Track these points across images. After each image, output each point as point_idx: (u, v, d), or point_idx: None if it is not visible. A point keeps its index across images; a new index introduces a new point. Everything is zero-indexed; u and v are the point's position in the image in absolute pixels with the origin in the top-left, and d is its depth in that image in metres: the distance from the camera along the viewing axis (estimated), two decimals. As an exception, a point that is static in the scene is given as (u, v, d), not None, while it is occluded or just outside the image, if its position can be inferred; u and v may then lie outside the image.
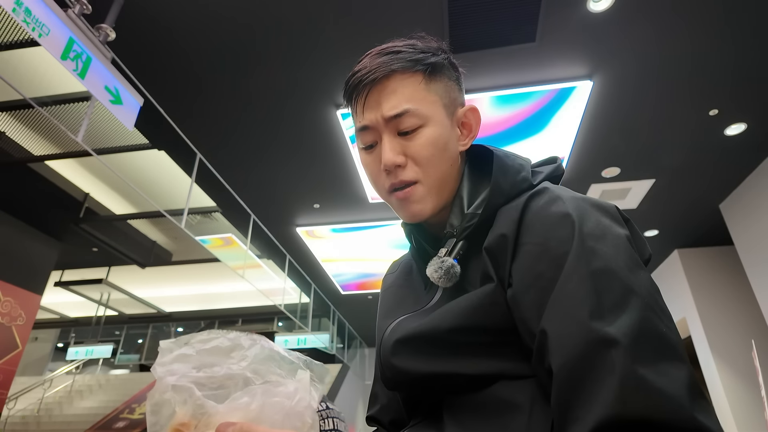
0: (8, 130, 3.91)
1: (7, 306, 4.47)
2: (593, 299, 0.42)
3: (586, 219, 0.48)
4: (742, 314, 4.97)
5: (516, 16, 2.61)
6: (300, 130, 3.58)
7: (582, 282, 0.43)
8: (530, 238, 0.50)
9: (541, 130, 3.56)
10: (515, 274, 0.49)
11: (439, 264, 0.55)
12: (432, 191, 0.60)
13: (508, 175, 0.58)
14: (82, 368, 10.53)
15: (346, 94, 0.63)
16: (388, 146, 0.59)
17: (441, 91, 0.61)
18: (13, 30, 2.98)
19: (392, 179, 0.59)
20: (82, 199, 5.04)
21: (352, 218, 4.96)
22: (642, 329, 0.39)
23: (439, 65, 0.62)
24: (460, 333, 0.52)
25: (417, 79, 0.60)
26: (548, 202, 0.51)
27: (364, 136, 0.62)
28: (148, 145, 3.98)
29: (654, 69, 2.97)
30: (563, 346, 0.41)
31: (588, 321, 0.40)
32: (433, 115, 0.59)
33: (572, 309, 0.42)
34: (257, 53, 2.90)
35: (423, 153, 0.58)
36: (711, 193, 4.39)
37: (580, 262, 0.44)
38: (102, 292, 8.11)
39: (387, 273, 0.81)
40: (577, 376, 0.39)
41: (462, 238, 0.57)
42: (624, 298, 0.41)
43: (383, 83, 0.59)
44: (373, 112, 0.60)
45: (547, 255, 0.47)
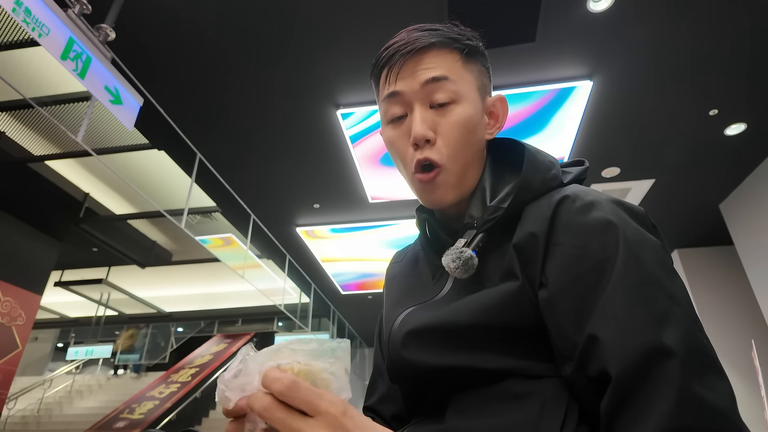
0: (8, 130, 3.91)
1: (7, 306, 4.47)
2: (647, 308, 0.42)
3: (627, 226, 0.47)
4: (742, 314, 4.97)
5: (516, 16, 2.61)
6: (300, 130, 3.58)
7: (632, 290, 0.43)
8: (568, 239, 0.49)
9: (541, 130, 3.56)
10: (551, 274, 0.48)
11: (458, 254, 0.54)
12: (455, 178, 0.58)
13: (539, 171, 0.57)
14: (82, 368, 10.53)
15: (376, 66, 0.61)
16: (420, 118, 0.57)
17: (476, 74, 0.61)
18: (13, 30, 2.98)
19: (419, 155, 0.57)
20: (82, 199, 5.04)
21: (352, 218, 4.96)
22: (690, 341, 0.40)
23: (475, 49, 0.62)
24: (478, 329, 0.51)
25: (455, 56, 0.59)
26: (587, 204, 0.50)
27: (392, 104, 0.60)
28: (148, 145, 3.98)
29: (654, 69, 2.98)
30: (619, 354, 0.40)
31: (645, 330, 0.40)
32: (468, 93, 0.58)
33: (626, 317, 0.42)
34: (257, 53, 2.90)
35: (453, 133, 0.57)
36: (711, 193, 4.39)
37: (628, 269, 0.44)
38: (102, 292, 8.11)
39: (392, 262, 0.80)
40: (635, 385, 0.39)
41: (483, 230, 0.55)
42: (671, 308, 0.42)
43: (421, 55, 0.58)
44: (408, 79, 0.58)
45: (588, 259, 0.46)
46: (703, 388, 0.37)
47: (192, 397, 6.92)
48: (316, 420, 0.36)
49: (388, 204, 4.63)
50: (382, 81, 0.61)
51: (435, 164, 0.57)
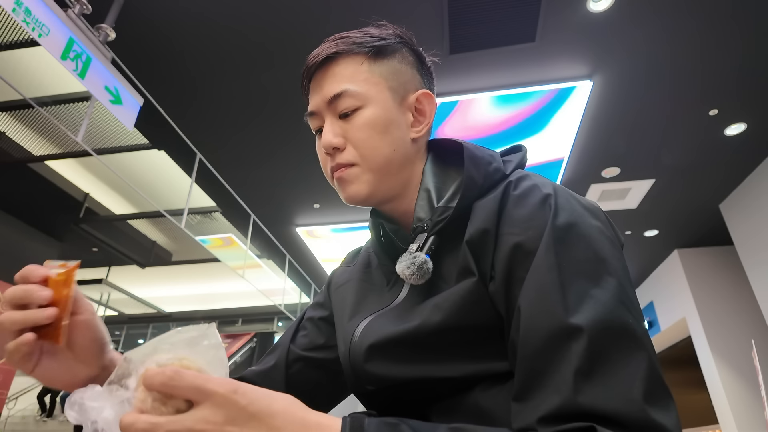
0: (8, 130, 3.91)
1: (7, 306, 4.46)
2: (560, 289, 0.42)
3: (560, 208, 0.48)
4: (742, 314, 4.97)
5: (516, 16, 2.61)
6: (300, 129, 3.58)
7: (550, 271, 0.44)
8: (509, 228, 0.49)
9: (540, 130, 3.56)
10: (497, 265, 0.49)
11: (411, 260, 0.53)
12: (369, 174, 0.58)
13: (480, 166, 0.57)
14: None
15: (300, 82, 0.65)
16: (328, 128, 0.59)
17: (387, 74, 0.60)
18: (13, 30, 2.98)
19: (332, 162, 0.59)
20: (82, 199, 5.04)
21: (352, 218, 4.96)
22: (606, 320, 0.40)
23: (387, 48, 0.61)
24: (445, 333, 0.50)
25: (359, 60, 0.59)
26: (525, 191, 0.51)
27: (312, 121, 0.62)
28: (148, 145, 3.98)
29: (654, 69, 2.98)
30: (529, 329, 0.42)
31: (554, 310, 0.41)
32: (374, 96, 0.58)
33: (541, 296, 0.43)
34: (257, 53, 2.90)
35: (360, 135, 0.57)
36: (711, 193, 4.39)
37: (549, 251, 0.45)
38: (102, 292, 8.11)
39: (342, 265, 0.78)
40: (538, 363, 0.41)
41: (434, 232, 0.55)
42: (591, 289, 0.42)
43: (327, 67, 0.60)
44: (317, 95, 0.60)
45: (524, 244, 0.47)
46: (610, 367, 0.38)
47: (192, 397, 6.93)
48: (205, 405, 0.35)
49: (388, 204, 4.62)
50: (305, 97, 0.65)
51: (345, 164, 0.58)
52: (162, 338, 0.40)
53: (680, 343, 6.31)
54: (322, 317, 0.74)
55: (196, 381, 0.35)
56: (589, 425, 0.36)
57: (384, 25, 0.65)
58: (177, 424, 0.34)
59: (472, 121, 3.46)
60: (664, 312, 5.95)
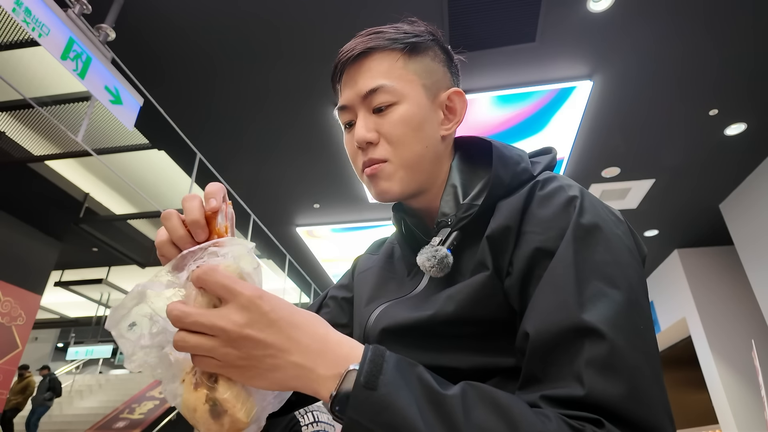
0: (8, 130, 3.91)
1: (7, 306, 4.47)
2: (576, 285, 0.43)
3: (585, 210, 0.48)
4: (742, 314, 4.97)
5: (516, 16, 2.61)
6: (300, 129, 3.58)
7: (567, 268, 0.44)
8: (532, 227, 0.50)
9: (541, 130, 3.56)
10: (516, 262, 0.49)
11: (432, 253, 0.54)
12: (402, 171, 0.59)
13: (509, 166, 0.57)
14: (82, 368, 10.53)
15: (331, 76, 0.64)
16: (362, 123, 0.59)
17: (420, 71, 0.61)
18: (13, 30, 2.98)
19: (364, 157, 0.59)
20: (82, 199, 5.04)
21: (352, 218, 4.96)
22: (618, 322, 0.40)
23: (421, 45, 0.62)
24: (456, 324, 0.51)
25: (394, 56, 0.60)
26: (551, 191, 0.51)
27: (342, 115, 0.62)
28: (148, 145, 3.98)
29: (654, 69, 2.97)
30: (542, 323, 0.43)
31: (568, 306, 0.42)
32: (409, 93, 0.59)
33: (557, 291, 0.43)
34: (257, 53, 2.90)
35: (394, 131, 0.58)
36: (711, 193, 4.39)
37: (568, 249, 0.45)
38: (102, 292, 8.11)
39: (366, 252, 0.80)
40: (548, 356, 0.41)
41: (457, 228, 0.56)
42: (607, 290, 0.42)
43: (361, 62, 0.60)
44: (350, 90, 0.60)
45: (544, 244, 0.47)
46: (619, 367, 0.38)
47: (192, 397, 6.93)
48: (230, 304, 0.37)
49: (387, 204, 4.62)
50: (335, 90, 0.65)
51: (378, 160, 0.59)
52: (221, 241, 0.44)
53: (680, 343, 6.31)
54: (345, 298, 0.76)
55: (225, 280, 0.37)
56: (596, 417, 0.36)
57: (415, 21, 0.65)
58: (202, 317, 0.36)
59: (472, 121, 3.46)
60: (664, 312, 5.95)
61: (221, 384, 0.39)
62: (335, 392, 0.37)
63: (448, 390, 0.38)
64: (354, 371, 0.37)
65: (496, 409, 0.36)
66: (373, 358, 0.38)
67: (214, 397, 0.38)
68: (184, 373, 0.41)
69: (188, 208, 0.45)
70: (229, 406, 0.38)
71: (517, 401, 0.38)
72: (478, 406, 0.36)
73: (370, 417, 0.35)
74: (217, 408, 0.38)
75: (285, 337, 0.37)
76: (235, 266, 0.41)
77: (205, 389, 0.39)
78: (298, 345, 0.38)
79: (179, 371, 0.41)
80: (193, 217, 0.44)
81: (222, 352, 0.37)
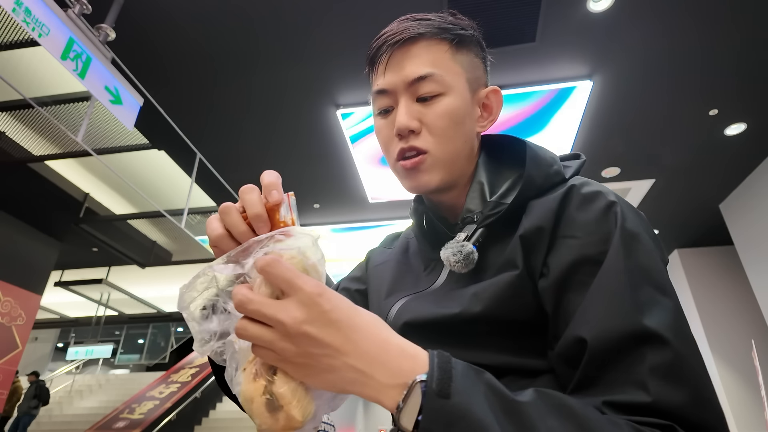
0: (8, 130, 3.91)
1: (7, 306, 4.47)
2: (632, 292, 0.42)
3: (626, 217, 0.48)
4: (742, 314, 4.97)
5: (516, 16, 2.61)
6: (300, 130, 3.58)
7: (619, 275, 0.44)
8: (571, 231, 0.49)
9: (541, 129, 3.56)
10: (552, 265, 0.49)
11: (458, 248, 0.53)
12: (441, 164, 0.58)
13: (542, 167, 0.57)
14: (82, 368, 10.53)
15: (368, 56, 0.61)
16: (405, 110, 0.57)
17: (466, 65, 0.60)
18: (13, 30, 2.98)
19: (403, 144, 0.57)
20: (82, 199, 5.04)
21: (352, 218, 4.96)
22: (677, 328, 0.41)
23: (467, 39, 0.61)
24: (482, 323, 0.51)
25: (443, 47, 0.58)
26: (589, 196, 0.51)
27: (380, 99, 0.60)
28: (148, 145, 3.98)
29: (654, 69, 2.97)
30: (601, 330, 0.41)
31: (628, 312, 0.41)
32: (456, 86, 0.58)
33: (613, 298, 0.43)
34: (257, 53, 2.90)
35: (439, 123, 0.57)
36: (711, 193, 4.39)
37: (618, 257, 0.45)
38: (102, 292, 8.12)
39: (381, 246, 0.79)
40: (610, 363, 0.40)
41: (483, 225, 0.56)
42: (659, 297, 0.42)
43: (408, 47, 0.58)
44: (394, 74, 0.58)
45: (587, 249, 0.47)
46: (684, 373, 0.38)
47: (192, 397, 6.91)
48: (291, 299, 0.36)
49: (388, 204, 4.63)
50: (373, 73, 0.61)
51: (420, 151, 0.57)
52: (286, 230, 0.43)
53: (680, 343, 6.31)
54: (358, 290, 0.76)
55: (287, 274, 0.36)
56: (668, 423, 0.36)
57: (456, 14, 0.63)
58: (263, 306, 0.36)
59: (472, 121, 3.46)
60: (664, 312, 5.95)
61: (279, 378, 0.38)
62: (402, 403, 0.35)
63: (520, 397, 0.37)
64: (422, 382, 0.35)
65: (570, 417, 0.35)
66: (441, 365, 0.36)
67: (271, 390, 0.38)
68: (246, 362, 0.40)
69: (248, 202, 0.43)
70: (285, 402, 0.37)
71: (590, 408, 0.37)
72: (552, 413, 0.35)
73: (444, 427, 0.33)
74: (273, 402, 0.38)
75: (343, 337, 0.36)
76: (299, 258, 0.40)
77: (264, 381, 0.38)
78: (356, 348, 0.36)
79: (243, 359, 0.41)
80: (256, 212, 0.43)
81: (280, 345, 0.36)
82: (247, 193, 0.44)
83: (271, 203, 0.43)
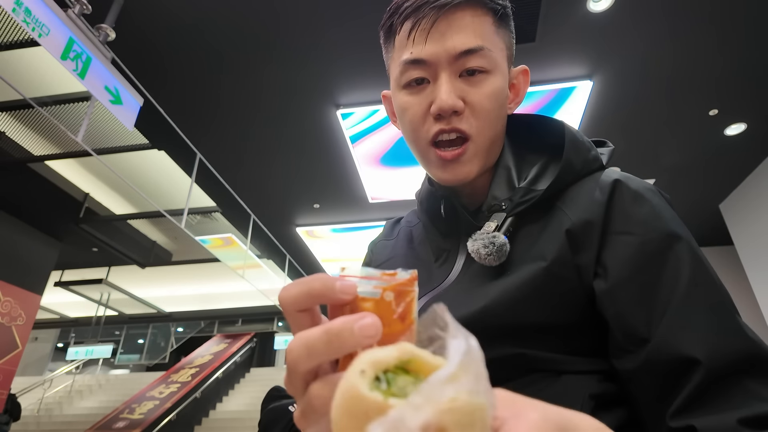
0: (8, 130, 3.91)
1: (7, 306, 4.47)
2: (726, 307, 0.41)
3: (678, 220, 0.47)
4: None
5: (516, 16, 2.60)
6: (300, 130, 3.58)
7: (703, 289, 0.42)
8: (627, 228, 0.46)
9: (541, 130, 3.56)
10: (610, 264, 0.45)
11: (490, 239, 0.48)
12: (482, 152, 0.53)
13: (581, 152, 0.52)
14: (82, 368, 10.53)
15: (397, 15, 0.53)
16: (448, 86, 0.50)
17: (507, 42, 0.55)
18: (13, 30, 2.98)
19: (444, 125, 0.51)
20: (82, 199, 5.04)
21: (352, 218, 4.96)
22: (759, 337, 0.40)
23: (508, 14, 0.56)
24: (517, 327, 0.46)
25: (489, 19, 0.52)
26: (641, 193, 0.48)
27: (413, 70, 0.52)
28: (148, 145, 3.98)
29: (654, 69, 2.97)
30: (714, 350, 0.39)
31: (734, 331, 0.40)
32: (500, 64, 0.53)
33: (704, 314, 0.41)
34: (258, 53, 2.90)
35: (485, 104, 0.51)
36: (711, 193, 4.39)
37: (693, 266, 0.43)
38: (102, 292, 8.11)
39: (382, 238, 0.72)
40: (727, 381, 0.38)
41: (513, 213, 0.51)
42: (735, 310, 0.42)
43: (453, 13, 0.50)
44: (437, 44, 0.50)
45: (649, 249, 0.44)
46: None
47: (192, 397, 6.92)
48: None
49: (388, 204, 4.63)
50: (401, 37, 0.53)
51: (465, 136, 0.51)
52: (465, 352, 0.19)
53: (680, 343, 6.31)
54: None
55: None
56: None
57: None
58: None
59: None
60: (664, 312, 5.95)
61: None
62: None
63: None
64: None
65: None
66: None
67: None
68: None
69: None
70: None
71: None
72: None
73: None
74: None
75: None
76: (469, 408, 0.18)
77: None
78: None
79: None
80: None
81: None
82: None
83: None
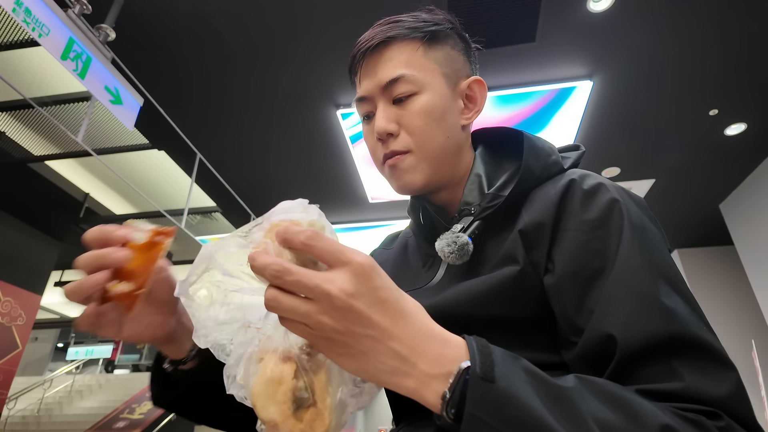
0: (8, 130, 3.91)
1: (7, 306, 4.47)
2: (655, 289, 0.42)
3: (631, 211, 0.47)
4: (742, 314, 4.97)
5: (516, 16, 2.61)
6: (300, 130, 3.58)
7: (639, 271, 0.43)
8: (575, 224, 0.48)
9: (541, 130, 3.56)
10: (558, 259, 0.48)
11: (453, 239, 0.52)
12: (424, 162, 0.57)
13: (540, 157, 0.56)
14: (82, 368, 10.53)
15: (351, 67, 0.63)
16: (382, 114, 0.57)
17: (441, 60, 0.59)
18: (13, 30, 2.98)
19: (385, 149, 0.58)
20: (82, 199, 5.04)
21: (352, 218, 4.96)
22: (701, 324, 0.40)
23: (441, 34, 0.61)
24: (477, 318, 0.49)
25: (414, 45, 0.58)
26: (592, 189, 0.50)
27: (361, 106, 0.61)
28: (148, 145, 3.98)
29: (654, 69, 2.97)
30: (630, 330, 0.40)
31: (656, 311, 0.40)
32: (430, 83, 0.58)
33: (633, 298, 0.42)
34: (258, 53, 2.90)
35: (416, 122, 0.56)
36: (711, 193, 4.39)
37: (632, 252, 0.44)
38: (102, 292, 8.09)
39: (380, 247, 0.79)
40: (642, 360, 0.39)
41: (480, 217, 0.54)
42: (679, 292, 0.42)
43: (380, 51, 0.59)
44: (370, 80, 0.59)
45: (594, 244, 0.46)
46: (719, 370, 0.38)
47: (192, 397, 6.93)
48: (339, 270, 0.33)
49: (388, 204, 4.63)
50: (354, 81, 0.63)
51: (400, 152, 0.57)
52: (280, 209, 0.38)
53: (680, 343, 6.31)
54: None
55: (336, 246, 0.33)
56: (713, 410, 0.35)
57: (433, 9, 0.64)
58: (306, 277, 0.32)
59: (472, 121, 3.46)
60: (664, 312, 5.95)
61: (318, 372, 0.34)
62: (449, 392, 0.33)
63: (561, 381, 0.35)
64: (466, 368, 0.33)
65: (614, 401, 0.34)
66: (480, 349, 0.34)
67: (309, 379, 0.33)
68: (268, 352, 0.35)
69: None
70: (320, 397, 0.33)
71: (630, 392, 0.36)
72: (595, 398, 0.34)
73: (491, 412, 0.31)
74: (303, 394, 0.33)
75: (390, 320, 0.33)
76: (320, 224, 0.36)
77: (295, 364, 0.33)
78: (402, 333, 0.33)
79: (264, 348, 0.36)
80: None
81: (317, 319, 0.32)
82: None
83: None
